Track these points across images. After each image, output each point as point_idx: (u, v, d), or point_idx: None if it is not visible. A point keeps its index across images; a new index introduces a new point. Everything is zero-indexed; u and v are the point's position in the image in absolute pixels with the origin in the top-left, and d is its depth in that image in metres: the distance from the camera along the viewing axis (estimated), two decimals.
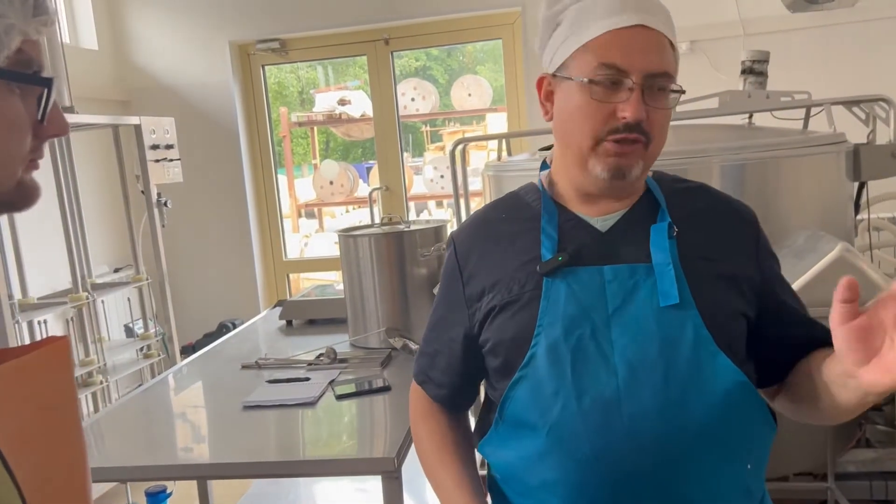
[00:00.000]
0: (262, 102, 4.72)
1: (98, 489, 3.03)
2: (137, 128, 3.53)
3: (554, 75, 1.06)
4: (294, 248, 6.82)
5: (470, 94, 5.73)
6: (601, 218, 1.09)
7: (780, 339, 1.11)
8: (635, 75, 0.99)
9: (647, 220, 1.07)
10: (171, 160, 3.73)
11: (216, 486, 2.68)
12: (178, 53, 4.59)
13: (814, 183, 2.69)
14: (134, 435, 1.87)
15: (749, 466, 1.05)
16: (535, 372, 1.03)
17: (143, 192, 3.60)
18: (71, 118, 3.25)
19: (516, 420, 1.06)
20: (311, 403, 1.87)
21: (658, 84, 1.01)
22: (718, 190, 1.16)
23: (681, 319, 1.00)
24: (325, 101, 8.99)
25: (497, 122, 5.93)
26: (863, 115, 2.96)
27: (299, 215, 8.40)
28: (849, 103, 2.91)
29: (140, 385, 2.79)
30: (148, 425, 1.92)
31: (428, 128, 8.08)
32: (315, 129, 9.27)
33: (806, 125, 3.09)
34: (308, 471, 1.62)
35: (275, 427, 1.78)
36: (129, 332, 3.98)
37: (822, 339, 1.09)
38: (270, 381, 2.07)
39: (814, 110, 3.02)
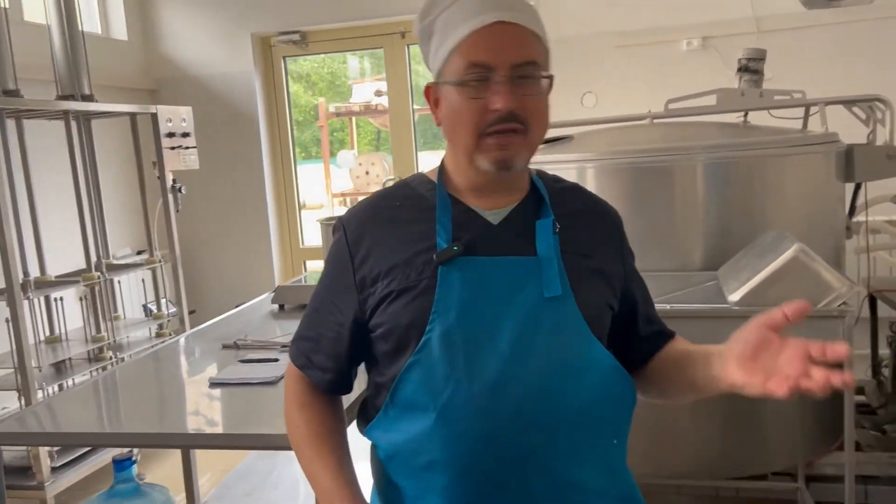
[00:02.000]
0: (282, 93, 4.85)
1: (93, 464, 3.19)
2: (154, 116, 3.68)
3: (436, 83, 1.13)
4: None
5: None
6: (493, 211, 1.15)
7: (631, 332, 1.20)
8: (501, 68, 1.04)
9: (534, 216, 1.14)
10: (188, 148, 3.87)
11: (203, 462, 2.80)
12: (203, 45, 4.75)
13: (801, 183, 2.67)
14: (105, 404, 2.00)
15: (615, 441, 1.12)
16: (428, 357, 1.08)
17: (158, 178, 3.74)
18: (90, 106, 3.42)
19: (407, 403, 1.10)
20: (272, 382, 1.96)
21: (525, 72, 1.06)
22: (589, 191, 1.25)
23: (562, 310, 1.08)
24: (361, 93, 9.11)
25: None
26: (863, 116, 2.92)
27: (343, 204, 8.54)
28: (846, 103, 2.88)
29: None
30: (114, 397, 2.04)
31: None
32: (353, 119, 9.42)
33: (805, 124, 3.06)
34: (226, 443, 1.72)
35: (231, 403, 1.87)
36: (147, 311, 4.15)
37: (668, 331, 1.23)
38: (242, 361, 2.17)
39: (814, 109, 2.99)
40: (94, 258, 3.49)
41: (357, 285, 1.15)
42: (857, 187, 2.90)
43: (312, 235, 5.26)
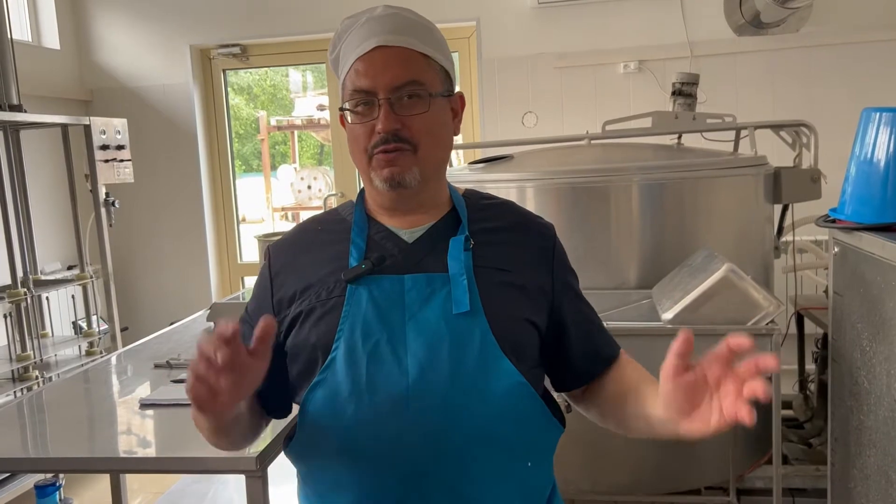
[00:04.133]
0: (222, 106, 4.77)
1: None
2: (87, 128, 3.58)
3: (341, 109, 1.14)
4: None
5: None
6: (409, 230, 1.15)
7: (563, 351, 1.17)
8: (381, 91, 1.08)
9: (451, 233, 1.14)
10: (122, 160, 3.78)
11: (134, 485, 2.72)
12: (140, 56, 4.65)
13: (732, 204, 2.75)
14: (29, 426, 1.92)
15: (529, 464, 1.10)
16: (333, 375, 1.08)
17: (91, 191, 3.64)
18: (18, 116, 3.30)
19: (314, 422, 1.10)
20: None
21: (407, 93, 1.08)
22: (522, 208, 1.25)
23: (470, 325, 1.07)
24: (304, 106, 9.03)
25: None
26: (790, 140, 3.03)
27: (285, 218, 8.44)
28: (774, 127, 2.99)
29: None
30: (39, 418, 1.97)
31: None
32: (296, 133, 9.34)
33: (736, 147, 3.17)
34: (166, 467, 1.67)
35: (163, 424, 1.83)
36: (77, 329, 4.02)
37: (608, 354, 1.19)
38: (174, 381, 2.12)
39: (744, 133, 3.10)
40: (20, 273, 3.36)
41: (274, 307, 1.16)
42: (785, 208, 3.01)
43: (251, 251, 5.18)
